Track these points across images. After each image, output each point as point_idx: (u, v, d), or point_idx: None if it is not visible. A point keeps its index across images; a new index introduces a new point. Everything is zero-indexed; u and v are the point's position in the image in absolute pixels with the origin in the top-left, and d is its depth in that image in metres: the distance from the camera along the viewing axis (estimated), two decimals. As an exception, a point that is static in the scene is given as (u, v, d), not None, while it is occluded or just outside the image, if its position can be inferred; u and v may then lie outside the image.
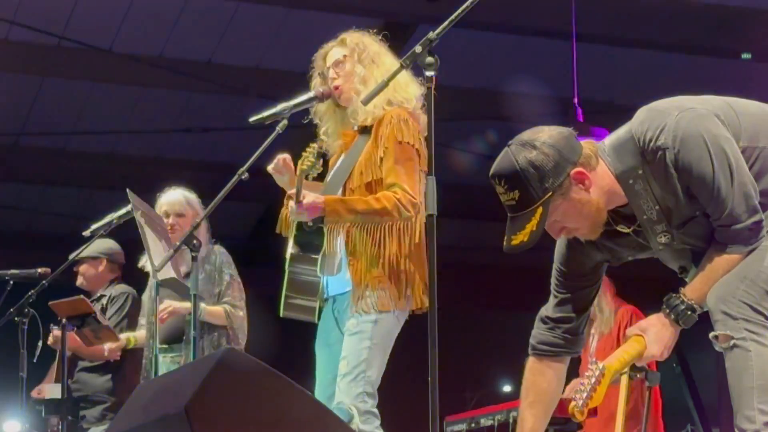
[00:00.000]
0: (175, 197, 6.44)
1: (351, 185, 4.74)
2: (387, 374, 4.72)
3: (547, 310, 3.94)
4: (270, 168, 4.84)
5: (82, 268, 7.48)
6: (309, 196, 4.61)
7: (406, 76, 4.72)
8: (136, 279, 7.73)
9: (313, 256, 4.74)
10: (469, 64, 9.73)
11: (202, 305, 6.17)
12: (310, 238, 4.74)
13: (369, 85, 4.72)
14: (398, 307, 4.67)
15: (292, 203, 4.65)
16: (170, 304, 6.11)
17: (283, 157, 4.84)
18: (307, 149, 4.69)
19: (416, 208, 4.63)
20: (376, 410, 4.62)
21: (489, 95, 10.06)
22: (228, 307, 6.26)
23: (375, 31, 5.00)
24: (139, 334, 6.85)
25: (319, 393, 4.75)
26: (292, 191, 4.68)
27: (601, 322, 7.70)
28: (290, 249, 4.79)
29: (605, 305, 7.71)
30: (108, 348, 6.87)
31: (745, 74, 9.67)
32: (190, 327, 6.04)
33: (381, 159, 4.70)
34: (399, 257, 4.68)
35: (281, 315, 4.85)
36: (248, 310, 6.42)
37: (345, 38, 4.89)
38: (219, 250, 6.41)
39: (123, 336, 6.91)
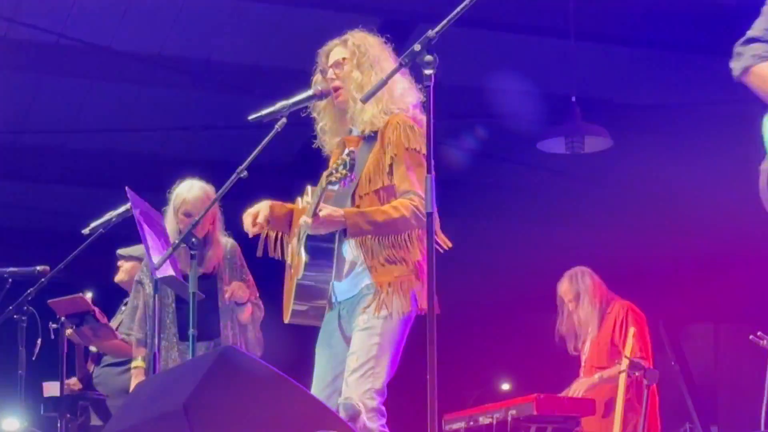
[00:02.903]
0: (198, 195, 6.28)
1: (360, 192, 4.72)
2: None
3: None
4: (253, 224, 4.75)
5: (128, 265, 7.44)
6: (326, 209, 4.55)
7: (403, 83, 4.72)
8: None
9: (326, 262, 4.72)
10: (466, 62, 9.71)
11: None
12: (323, 245, 4.72)
13: (366, 91, 4.72)
14: (414, 308, 4.65)
15: (304, 217, 4.60)
16: (232, 289, 6.04)
17: (254, 213, 4.75)
18: (338, 160, 4.54)
19: None
20: (383, 408, 4.61)
21: (487, 93, 10.04)
22: (256, 309, 6.25)
23: (375, 29, 5.00)
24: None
25: (316, 393, 4.73)
26: (305, 205, 4.68)
27: (589, 326, 7.68)
28: (303, 257, 4.72)
29: (583, 310, 7.69)
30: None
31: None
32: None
33: (390, 166, 4.69)
34: (417, 260, 4.66)
35: (286, 322, 4.84)
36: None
37: (348, 39, 4.87)
38: (236, 245, 6.37)
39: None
